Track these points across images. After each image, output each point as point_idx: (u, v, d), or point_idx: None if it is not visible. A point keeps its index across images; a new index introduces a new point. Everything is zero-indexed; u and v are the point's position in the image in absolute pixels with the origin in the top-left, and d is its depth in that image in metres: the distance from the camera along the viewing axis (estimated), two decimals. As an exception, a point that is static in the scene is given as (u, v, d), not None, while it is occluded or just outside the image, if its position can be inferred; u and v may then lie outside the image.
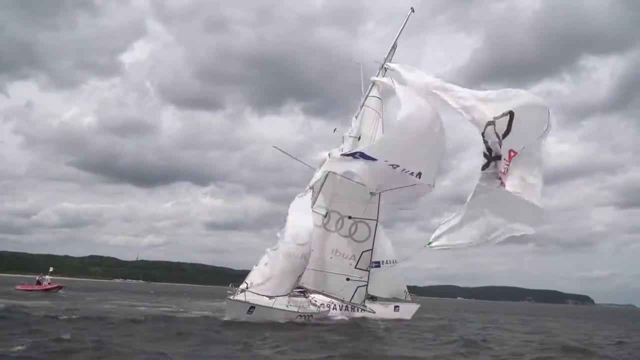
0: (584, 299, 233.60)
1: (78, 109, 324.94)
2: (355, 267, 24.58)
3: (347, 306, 25.38)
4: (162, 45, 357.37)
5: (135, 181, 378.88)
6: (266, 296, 19.90)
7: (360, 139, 24.32)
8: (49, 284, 46.66)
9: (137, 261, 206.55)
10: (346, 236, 24.41)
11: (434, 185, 20.65)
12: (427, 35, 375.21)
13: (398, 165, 19.47)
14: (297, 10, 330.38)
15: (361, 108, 25.05)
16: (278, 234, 21.86)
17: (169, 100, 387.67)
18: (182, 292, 73.37)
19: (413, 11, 26.17)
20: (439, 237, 20.31)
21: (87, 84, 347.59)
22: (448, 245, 19.88)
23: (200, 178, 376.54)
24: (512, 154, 18.31)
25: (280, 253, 20.58)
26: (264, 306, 19.19)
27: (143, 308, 26.46)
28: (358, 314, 25.29)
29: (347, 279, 24.42)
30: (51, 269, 52.14)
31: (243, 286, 19.90)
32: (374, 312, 25.76)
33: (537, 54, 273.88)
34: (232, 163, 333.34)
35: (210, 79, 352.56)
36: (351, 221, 24.39)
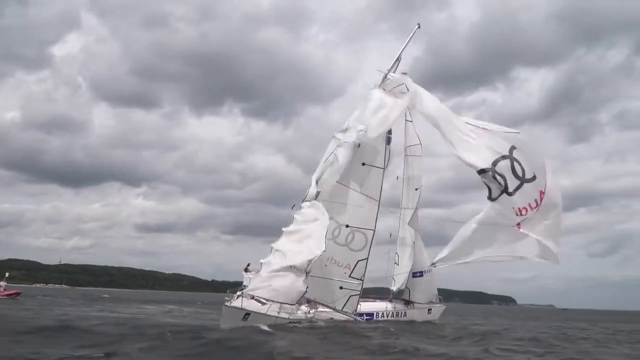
0: (507, 300, 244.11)
1: (1, 103, 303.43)
2: (349, 276, 24.13)
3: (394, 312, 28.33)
4: (96, 38, 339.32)
5: (62, 181, 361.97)
6: (270, 300, 19.88)
7: (361, 146, 23.86)
8: (4, 289, 43.65)
9: (60, 265, 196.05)
10: (342, 245, 23.84)
11: None
12: (368, 42, 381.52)
13: None
14: (241, 9, 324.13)
15: None
16: (272, 245, 21.18)
17: (102, 97, 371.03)
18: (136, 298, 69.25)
19: (419, 27, 26.70)
20: (443, 257, 23.17)
21: (13, 77, 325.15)
22: (452, 262, 21.79)
23: (132, 178, 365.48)
24: (542, 195, 19.84)
25: (284, 268, 20.22)
26: (258, 313, 19.37)
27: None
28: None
29: (341, 288, 24.02)
30: (7, 274, 47.90)
31: (238, 292, 19.83)
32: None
33: (473, 64, 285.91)
34: (167, 163, 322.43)
35: (146, 76, 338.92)
36: (348, 230, 23.84)
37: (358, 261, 23.95)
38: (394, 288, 30.15)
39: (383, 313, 28.28)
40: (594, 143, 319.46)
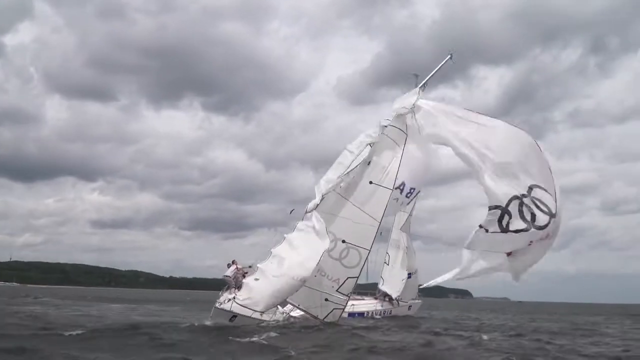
0: (464, 293, 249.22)
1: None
2: (336, 290, 23.58)
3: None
4: (50, 28, 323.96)
5: (12, 175, 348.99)
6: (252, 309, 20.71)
7: (370, 164, 23.76)
8: None
9: (10, 262, 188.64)
10: (336, 259, 23.27)
11: None
12: (331, 38, 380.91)
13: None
14: (201, 2, 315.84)
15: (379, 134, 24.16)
16: (271, 250, 21.84)
17: (55, 89, 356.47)
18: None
19: (451, 58, 26.19)
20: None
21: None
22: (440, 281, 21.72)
23: (87, 173, 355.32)
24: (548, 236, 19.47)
25: (281, 275, 21.01)
26: (244, 315, 20.44)
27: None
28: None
29: (326, 299, 23.55)
30: None
31: (230, 296, 20.76)
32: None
33: (433, 61, 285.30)
34: (124, 158, 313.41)
35: (102, 67, 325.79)
36: (344, 245, 23.28)
37: (348, 278, 23.51)
38: (383, 287, 33.02)
39: (373, 312, 31.35)
40: (547, 140, 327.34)
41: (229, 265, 22.24)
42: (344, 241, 23.28)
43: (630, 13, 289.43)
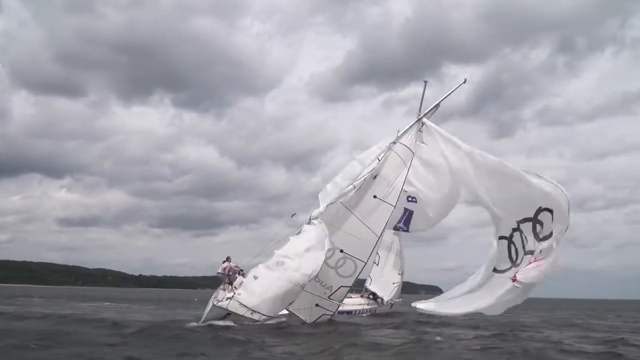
0: (434, 289, 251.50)
1: None
2: (328, 297, 24.08)
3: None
4: (17, 22, 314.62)
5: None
6: (251, 310, 20.90)
7: (377, 178, 24.26)
8: None
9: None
10: (331, 267, 23.72)
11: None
12: (304, 34, 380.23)
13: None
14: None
15: (387, 150, 24.79)
16: (275, 251, 22.02)
17: (22, 84, 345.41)
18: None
19: (465, 82, 27.38)
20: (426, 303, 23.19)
21: None
22: (433, 310, 21.81)
23: (54, 170, 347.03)
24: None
25: (282, 278, 21.12)
26: (237, 313, 20.76)
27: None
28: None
29: (316, 304, 23.93)
30: None
31: (229, 294, 21.00)
32: None
33: (406, 59, 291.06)
34: (93, 154, 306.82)
35: (71, 63, 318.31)
36: (341, 255, 23.73)
37: (341, 286, 23.88)
38: (370, 287, 34.83)
39: (360, 311, 32.63)
40: (517, 138, 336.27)
41: (223, 262, 22.74)
42: (342, 251, 23.73)
43: (596, 13, 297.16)
